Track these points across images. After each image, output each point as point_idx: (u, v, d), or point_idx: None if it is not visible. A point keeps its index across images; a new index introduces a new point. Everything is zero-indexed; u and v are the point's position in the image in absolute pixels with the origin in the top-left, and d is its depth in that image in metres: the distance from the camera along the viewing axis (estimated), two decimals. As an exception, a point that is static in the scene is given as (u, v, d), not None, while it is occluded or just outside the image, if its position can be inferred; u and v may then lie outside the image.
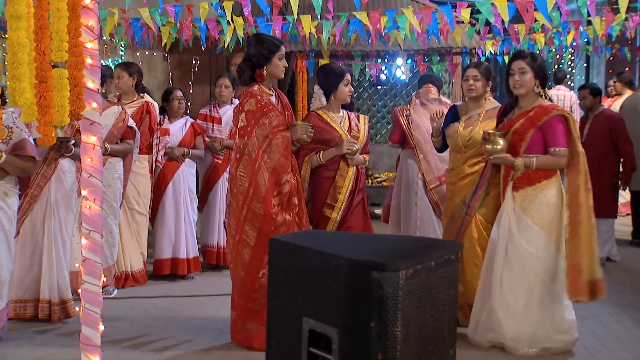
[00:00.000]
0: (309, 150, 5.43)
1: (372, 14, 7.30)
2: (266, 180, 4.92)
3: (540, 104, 5.13)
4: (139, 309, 6.28)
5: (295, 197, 5.10)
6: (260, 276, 4.98)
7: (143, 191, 7.02)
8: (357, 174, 5.53)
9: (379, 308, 2.65)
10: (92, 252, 4.02)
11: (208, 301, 6.54)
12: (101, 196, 4.04)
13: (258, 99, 5.03)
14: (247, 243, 5.01)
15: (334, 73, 5.49)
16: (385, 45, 9.81)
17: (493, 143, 5.09)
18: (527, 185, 5.09)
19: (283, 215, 4.97)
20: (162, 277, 7.28)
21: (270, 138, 4.99)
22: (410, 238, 4.59)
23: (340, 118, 5.56)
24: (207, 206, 7.70)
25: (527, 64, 5.09)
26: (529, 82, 5.09)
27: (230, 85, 7.67)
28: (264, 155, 4.96)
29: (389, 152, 10.66)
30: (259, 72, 5.10)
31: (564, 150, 5.04)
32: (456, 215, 5.56)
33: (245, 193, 4.98)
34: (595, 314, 6.08)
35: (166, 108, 7.44)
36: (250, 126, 4.99)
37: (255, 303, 5.03)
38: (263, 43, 5.10)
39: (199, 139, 7.48)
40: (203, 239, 7.77)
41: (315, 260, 2.86)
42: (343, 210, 5.42)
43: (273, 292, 3.09)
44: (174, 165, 7.34)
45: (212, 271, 7.68)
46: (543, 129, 5.04)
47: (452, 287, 2.92)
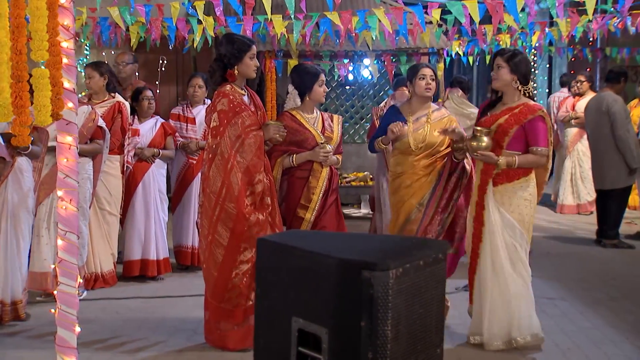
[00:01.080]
0: (282, 151, 5.41)
1: (344, 14, 7.32)
2: (239, 180, 4.91)
3: (526, 103, 5.24)
4: (109, 310, 6.22)
5: (268, 197, 5.09)
6: (233, 276, 4.97)
7: (114, 192, 6.96)
8: (331, 175, 5.52)
9: (369, 307, 2.66)
10: (68, 253, 3.96)
11: (180, 302, 6.50)
12: (77, 197, 3.99)
13: (230, 98, 5.02)
14: (219, 243, 4.99)
15: (308, 73, 5.47)
16: (354, 45, 9.83)
17: (478, 140, 5.17)
18: (506, 182, 5.21)
19: (256, 215, 4.96)
20: (131, 278, 7.22)
21: (243, 138, 4.97)
22: (398, 237, 4.59)
23: (313, 119, 5.55)
24: (181, 206, 7.66)
25: (504, 60, 5.23)
26: (503, 77, 5.23)
27: (204, 85, 7.63)
28: (236, 155, 4.95)
29: (357, 152, 10.70)
30: (230, 72, 5.09)
31: (545, 150, 5.19)
32: (413, 217, 5.53)
33: (217, 193, 4.96)
34: (564, 312, 6.17)
35: (136, 108, 7.37)
36: (223, 126, 4.97)
37: (228, 303, 5.02)
38: (234, 43, 5.09)
39: (170, 140, 7.43)
40: (176, 240, 7.72)
41: (305, 260, 2.86)
42: (317, 210, 5.41)
43: (261, 292, 3.08)
44: (143, 166, 7.28)
45: (183, 272, 7.63)
46: (526, 127, 5.18)
47: (439, 286, 2.94)
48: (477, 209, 5.34)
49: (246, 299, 5.00)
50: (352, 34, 8.45)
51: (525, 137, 5.20)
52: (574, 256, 8.39)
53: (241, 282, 4.98)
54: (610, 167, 8.78)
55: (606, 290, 6.90)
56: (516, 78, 5.21)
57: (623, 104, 8.92)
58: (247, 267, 4.97)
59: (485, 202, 5.27)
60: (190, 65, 11.28)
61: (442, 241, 3.78)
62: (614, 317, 6.02)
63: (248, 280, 4.98)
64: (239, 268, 4.97)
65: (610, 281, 7.25)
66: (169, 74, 11.47)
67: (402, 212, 5.61)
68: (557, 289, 6.87)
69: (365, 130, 11.16)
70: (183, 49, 10.14)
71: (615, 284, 7.11)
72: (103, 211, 6.90)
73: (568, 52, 13.61)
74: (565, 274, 7.52)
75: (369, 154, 8.46)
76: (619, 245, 8.81)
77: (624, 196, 8.99)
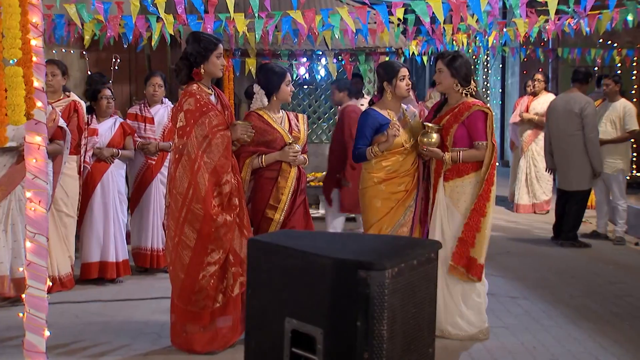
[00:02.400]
0: (250, 152, 5.37)
1: (307, 12, 7.32)
2: (206, 180, 4.88)
3: (465, 101, 5.45)
4: (68, 314, 6.12)
5: (236, 198, 5.06)
6: (200, 278, 4.94)
7: (71, 193, 6.83)
8: (299, 174, 5.50)
9: (365, 307, 2.67)
10: (37, 256, 3.90)
11: (142, 305, 6.43)
12: (47, 198, 3.93)
13: (197, 98, 4.99)
14: (186, 245, 4.96)
15: (276, 73, 5.45)
16: (313, 44, 9.83)
17: (428, 136, 5.37)
18: (457, 177, 5.43)
19: (223, 216, 4.94)
20: (89, 281, 7.11)
21: (210, 138, 4.94)
22: (389, 237, 4.61)
23: (280, 118, 5.52)
24: (139, 208, 7.58)
25: (444, 64, 5.44)
26: (444, 80, 5.46)
27: (163, 85, 7.57)
28: (203, 155, 4.91)
29: (315, 152, 10.69)
30: (196, 71, 5.06)
31: (484, 144, 5.40)
32: (403, 219, 5.56)
33: (184, 194, 4.92)
34: (527, 310, 6.27)
35: (94, 107, 7.27)
36: (190, 126, 4.93)
37: (195, 305, 4.99)
38: (200, 41, 5.06)
39: (129, 139, 7.35)
40: (135, 242, 7.64)
41: (299, 260, 2.86)
42: (286, 211, 5.39)
43: (252, 292, 3.07)
44: (102, 167, 7.18)
45: (143, 274, 7.56)
46: (466, 124, 5.40)
47: (432, 286, 2.97)
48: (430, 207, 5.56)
49: (213, 301, 4.99)
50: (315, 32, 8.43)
51: (468, 134, 5.41)
52: (533, 255, 8.53)
53: (208, 284, 4.95)
54: (577, 169, 8.96)
55: (567, 288, 7.02)
56: (457, 81, 5.42)
57: (594, 106, 9.15)
58: (214, 268, 4.95)
59: (436, 198, 5.47)
60: (145, 63, 11.19)
61: (433, 240, 3.81)
62: (577, 315, 6.13)
63: (215, 283, 4.96)
64: (206, 270, 4.93)
65: (570, 280, 7.39)
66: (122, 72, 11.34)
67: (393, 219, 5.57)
68: (519, 288, 6.97)
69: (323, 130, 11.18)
70: (137, 48, 10.02)
71: (575, 283, 7.25)
72: (60, 212, 6.78)
73: (521, 53, 13.81)
74: (525, 272, 7.64)
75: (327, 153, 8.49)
76: (576, 244, 8.97)
77: (584, 198, 9.19)
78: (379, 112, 5.61)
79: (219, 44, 5.13)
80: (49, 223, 6.44)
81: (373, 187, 5.58)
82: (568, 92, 9.34)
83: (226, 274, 5.03)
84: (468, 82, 5.43)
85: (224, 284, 5.02)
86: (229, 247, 5.00)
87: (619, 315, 6.14)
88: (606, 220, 9.57)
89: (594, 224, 9.85)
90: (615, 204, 9.29)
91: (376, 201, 5.57)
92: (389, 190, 5.54)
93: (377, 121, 5.54)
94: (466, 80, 5.42)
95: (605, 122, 9.40)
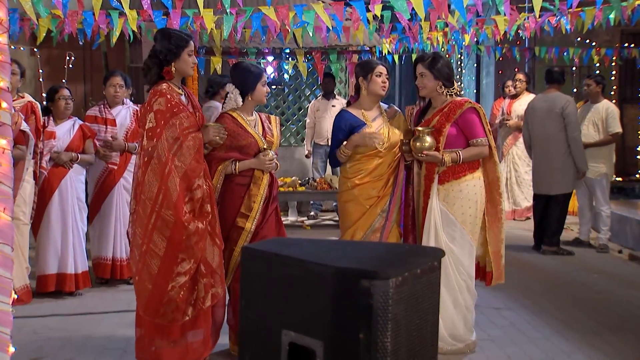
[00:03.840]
0: (222, 158, 5.32)
1: (280, 9, 7.33)
2: (177, 185, 4.83)
3: (453, 100, 5.52)
4: (26, 330, 6.06)
5: (208, 205, 5.03)
6: (169, 289, 4.87)
7: (28, 199, 6.77)
8: (271, 181, 5.46)
9: (368, 318, 2.68)
10: (2, 267, 3.86)
11: (104, 319, 6.41)
12: (12, 205, 3.89)
13: (168, 98, 4.94)
14: (155, 253, 4.89)
15: (251, 72, 5.42)
16: (282, 42, 9.84)
17: (422, 140, 5.37)
18: (453, 179, 5.46)
19: (195, 224, 4.88)
20: (46, 294, 7.06)
21: (181, 140, 4.90)
22: (390, 244, 4.64)
23: (254, 121, 5.45)
24: (100, 216, 7.55)
25: (426, 67, 5.51)
26: (428, 84, 5.52)
27: (124, 84, 7.54)
28: (174, 159, 4.87)
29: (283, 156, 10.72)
30: (167, 69, 5.02)
31: (484, 140, 5.48)
32: (376, 224, 5.61)
33: (154, 199, 4.87)
34: (512, 322, 6.36)
35: (51, 109, 7.21)
36: (160, 127, 4.88)
37: (163, 318, 4.93)
38: (170, 38, 5.02)
39: (89, 143, 7.30)
40: (95, 251, 7.60)
41: (297, 269, 2.86)
42: (257, 220, 5.35)
43: (246, 303, 3.07)
44: (60, 172, 7.13)
45: (103, 286, 7.53)
46: (459, 123, 5.46)
47: (435, 296, 3.00)
48: (422, 214, 5.56)
49: (183, 314, 4.93)
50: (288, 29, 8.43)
51: (463, 134, 5.46)
52: (515, 264, 8.61)
53: (178, 295, 4.88)
54: (559, 171, 9.09)
55: (551, 298, 7.13)
56: (440, 83, 5.49)
57: (575, 105, 9.28)
58: (184, 279, 4.89)
59: (429, 206, 5.46)
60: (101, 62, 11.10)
61: (436, 248, 3.83)
62: (563, 326, 6.23)
63: (185, 294, 4.91)
64: (176, 280, 4.87)
65: (554, 289, 7.51)
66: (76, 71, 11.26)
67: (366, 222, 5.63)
68: (502, 299, 7.06)
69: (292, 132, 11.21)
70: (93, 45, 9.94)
71: (559, 292, 7.36)
72: (16, 220, 6.69)
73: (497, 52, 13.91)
74: (508, 282, 7.58)
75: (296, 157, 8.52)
76: (558, 252, 9.12)
77: (566, 202, 9.32)
78: (352, 113, 5.67)
79: (190, 40, 5.10)
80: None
81: (347, 192, 5.67)
82: (546, 93, 9.45)
83: (197, 285, 4.98)
84: (452, 83, 5.51)
85: (194, 296, 4.97)
86: (201, 257, 4.96)
87: (607, 326, 6.24)
88: (589, 227, 9.72)
89: (575, 231, 10.00)
90: (598, 210, 9.44)
91: (349, 205, 5.67)
92: (362, 194, 5.60)
93: (349, 123, 5.62)
94: (449, 81, 5.49)
95: (588, 124, 9.52)
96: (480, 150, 5.47)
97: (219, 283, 5.11)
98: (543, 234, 9.31)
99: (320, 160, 11.42)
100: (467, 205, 5.44)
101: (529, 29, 9.89)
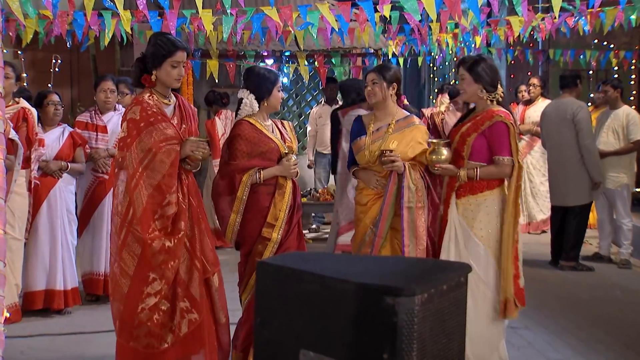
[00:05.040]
0: (244, 168, 5.26)
1: (283, 9, 7.34)
2: (144, 200, 4.75)
3: (489, 109, 5.41)
4: (12, 350, 6.03)
5: (183, 222, 4.89)
6: (139, 311, 4.76)
7: (19, 212, 6.72)
8: (294, 189, 5.46)
9: (392, 337, 2.67)
10: (-6, 283, 3.87)
11: (95, 339, 6.40)
12: (4, 217, 3.90)
13: (144, 106, 4.85)
14: (125, 272, 4.81)
15: (268, 78, 5.40)
16: (283, 44, 9.86)
17: (437, 153, 5.33)
18: (470, 194, 5.39)
19: (161, 241, 4.76)
20: (33, 312, 7.04)
21: (154, 152, 4.78)
22: (413, 259, 4.63)
23: (270, 127, 5.46)
24: (91, 228, 7.56)
25: (466, 69, 5.43)
26: (467, 88, 5.43)
27: (116, 89, 7.55)
28: (144, 172, 4.77)
29: (283, 166, 10.71)
30: (146, 77, 4.95)
31: (508, 160, 5.33)
32: (367, 239, 5.62)
33: (124, 214, 4.81)
34: (530, 342, 6.35)
35: (40, 115, 7.20)
36: (131, 137, 4.80)
37: (137, 342, 4.80)
38: (156, 44, 4.93)
39: (79, 151, 7.31)
40: (85, 267, 7.60)
41: (316, 284, 2.85)
42: (283, 229, 5.32)
43: (261, 321, 3.06)
44: (49, 182, 7.13)
45: (94, 304, 7.53)
46: (486, 134, 5.33)
47: (461, 313, 2.99)
48: (441, 224, 5.52)
49: (160, 340, 4.79)
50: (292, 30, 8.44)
51: (489, 146, 5.36)
52: (531, 280, 8.53)
53: (150, 319, 4.77)
54: (574, 181, 9.06)
55: (571, 317, 7.13)
56: (481, 87, 5.39)
57: (588, 111, 9.22)
58: (154, 300, 4.77)
59: (448, 216, 5.44)
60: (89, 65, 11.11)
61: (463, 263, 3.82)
62: (584, 347, 6.24)
63: (162, 319, 4.80)
64: (145, 302, 4.76)
65: (574, 307, 7.51)
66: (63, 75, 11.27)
67: (358, 235, 5.73)
68: (520, 317, 6.92)
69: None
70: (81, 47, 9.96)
71: (580, 311, 7.36)
72: (6, 236, 6.68)
73: (508, 54, 13.92)
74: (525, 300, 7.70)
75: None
76: (577, 267, 9.10)
77: (585, 213, 9.27)
78: (362, 120, 5.82)
79: (178, 51, 4.92)
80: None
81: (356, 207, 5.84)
82: (559, 98, 9.45)
83: (175, 309, 4.85)
84: (495, 87, 5.41)
85: (174, 322, 4.84)
86: (176, 279, 4.86)
87: (632, 347, 6.25)
88: (609, 241, 9.69)
89: (595, 245, 9.98)
90: (619, 223, 9.39)
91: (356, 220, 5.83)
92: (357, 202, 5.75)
93: (355, 130, 5.78)
94: (492, 85, 5.39)
95: (607, 131, 9.47)
96: (500, 170, 5.33)
97: (198, 309, 4.95)
98: (561, 249, 9.28)
99: (323, 170, 11.42)
100: (489, 224, 5.35)
101: (544, 30, 9.91)
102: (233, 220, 5.26)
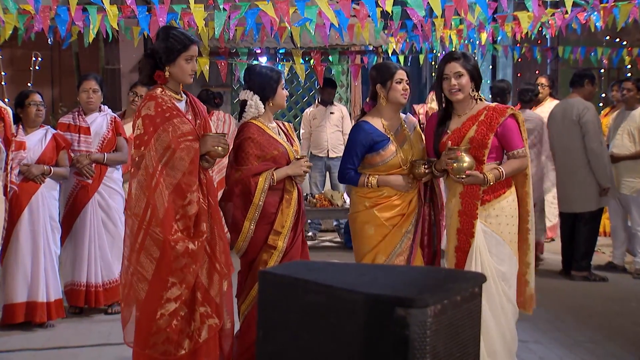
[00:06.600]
0: (258, 171, 5.27)
1: (279, 4, 7.36)
2: (165, 199, 4.80)
3: (489, 106, 5.42)
4: (-8, 366, 6.09)
5: (205, 223, 4.98)
6: (157, 317, 4.84)
7: (-5, 218, 6.71)
8: (299, 196, 5.50)
9: (403, 351, 2.67)
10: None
11: (81, 354, 6.40)
12: None
13: (159, 102, 4.92)
14: (142, 276, 4.88)
15: (271, 77, 5.41)
16: (278, 41, 9.86)
17: (460, 161, 5.24)
18: (494, 198, 5.38)
19: (185, 244, 4.83)
20: (13, 326, 7.01)
21: (173, 149, 4.86)
22: (424, 268, 4.65)
23: (275, 129, 5.48)
24: (72, 236, 7.53)
25: (462, 66, 5.37)
26: (466, 86, 5.38)
27: (99, 89, 7.54)
28: (163, 170, 4.84)
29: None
30: (159, 73, 5.02)
31: (523, 151, 5.40)
32: (400, 247, 5.57)
33: (142, 216, 4.85)
34: (542, 357, 6.35)
35: (20, 116, 7.20)
36: (148, 134, 4.86)
37: (154, 350, 4.89)
38: (168, 38, 4.99)
39: (63, 154, 7.29)
40: (67, 276, 7.57)
41: (322, 295, 2.85)
42: (289, 237, 5.35)
43: (264, 335, 3.06)
44: (30, 187, 7.10)
45: (77, 316, 7.51)
46: (499, 132, 5.34)
47: (476, 325, 2.99)
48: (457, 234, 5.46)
49: (177, 346, 4.88)
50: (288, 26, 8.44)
51: (499, 144, 5.38)
52: (541, 291, 8.47)
53: (169, 325, 4.85)
54: (581, 186, 9.03)
55: (584, 330, 7.13)
56: (473, 85, 5.40)
57: (595, 112, 9.17)
58: (174, 306, 4.85)
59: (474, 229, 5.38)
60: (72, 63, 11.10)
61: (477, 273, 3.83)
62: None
63: (180, 325, 4.88)
64: (165, 307, 4.84)
65: (587, 320, 7.50)
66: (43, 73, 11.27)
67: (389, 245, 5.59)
68: (530, 330, 7.04)
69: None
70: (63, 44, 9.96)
71: (593, 323, 7.36)
72: (-20, 243, 6.70)
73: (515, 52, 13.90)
74: (535, 312, 7.58)
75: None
76: (589, 277, 9.09)
77: (596, 220, 9.26)
78: (373, 125, 5.60)
79: (192, 45, 5.03)
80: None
81: (365, 212, 5.61)
82: (567, 98, 9.43)
83: (194, 315, 4.94)
84: (480, 84, 5.45)
85: (192, 327, 4.93)
86: (196, 283, 4.93)
87: (650, 363, 6.27)
88: (624, 250, 9.66)
89: (608, 254, 9.99)
90: (635, 231, 9.35)
91: (368, 227, 5.60)
92: (383, 215, 5.56)
93: (371, 138, 5.55)
94: (480, 82, 5.43)
95: (622, 133, 9.42)
96: (521, 163, 5.38)
97: (218, 314, 5.05)
98: (571, 258, 9.27)
99: (319, 174, 11.42)
100: (508, 221, 5.39)
101: (554, 26, 9.93)
102: (247, 228, 5.29)
